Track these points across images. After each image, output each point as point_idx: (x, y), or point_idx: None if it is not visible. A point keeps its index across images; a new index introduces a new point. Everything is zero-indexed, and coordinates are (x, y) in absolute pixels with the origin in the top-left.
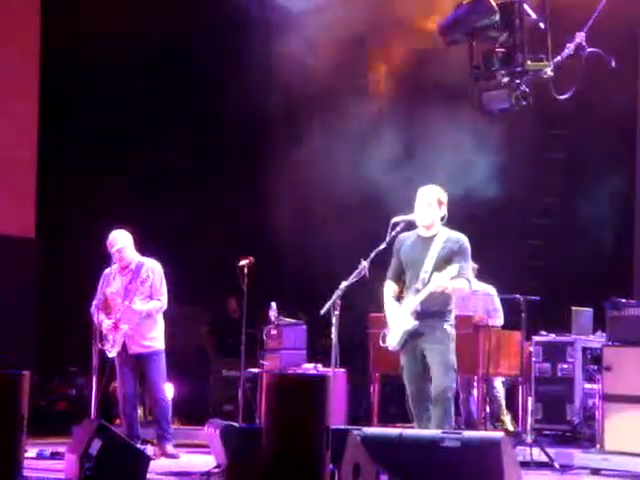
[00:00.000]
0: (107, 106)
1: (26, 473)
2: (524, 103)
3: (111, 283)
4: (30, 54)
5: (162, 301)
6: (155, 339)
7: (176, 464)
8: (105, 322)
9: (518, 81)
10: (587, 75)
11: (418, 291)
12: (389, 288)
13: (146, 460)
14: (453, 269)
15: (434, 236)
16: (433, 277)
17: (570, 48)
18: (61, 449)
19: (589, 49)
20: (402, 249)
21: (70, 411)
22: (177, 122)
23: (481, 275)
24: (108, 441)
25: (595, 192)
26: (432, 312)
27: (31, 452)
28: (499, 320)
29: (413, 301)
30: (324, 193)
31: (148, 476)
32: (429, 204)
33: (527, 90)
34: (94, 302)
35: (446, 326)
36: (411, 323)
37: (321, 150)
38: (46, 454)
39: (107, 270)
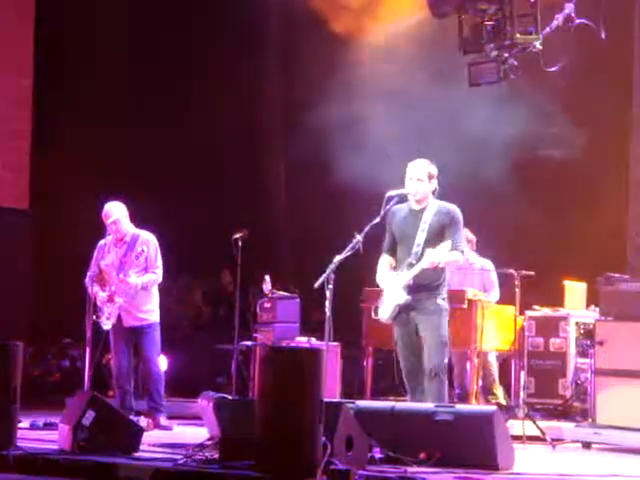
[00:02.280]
0: (104, 75)
1: (19, 443)
2: (513, 76)
3: (106, 255)
4: (25, 23)
5: (157, 274)
6: (150, 312)
7: (169, 436)
8: (100, 294)
9: (507, 54)
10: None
11: (411, 265)
12: (385, 261)
13: (139, 432)
14: (446, 246)
15: (425, 209)
16: (426, 253)
17: (559, 19)
18: (54, 420)
19: (578, 20)
20: (394, 222)
21: (64, 382)
22: (178, 89)
23: (479, 248)
24: (101, 412)
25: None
26: (424, 286)
27: (25, 422)
28: (495, 295)
29: (406, 275)
30: (321, 167)
31: (141, 448)
32: (419, 180)
33: (515, 63)
34: (88, 274)
35: (439, 300)
36: (403, 297)
37: (319, 124)
38: (39, 424)
39: (102, 242)
